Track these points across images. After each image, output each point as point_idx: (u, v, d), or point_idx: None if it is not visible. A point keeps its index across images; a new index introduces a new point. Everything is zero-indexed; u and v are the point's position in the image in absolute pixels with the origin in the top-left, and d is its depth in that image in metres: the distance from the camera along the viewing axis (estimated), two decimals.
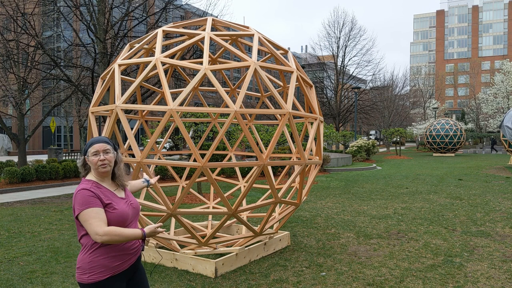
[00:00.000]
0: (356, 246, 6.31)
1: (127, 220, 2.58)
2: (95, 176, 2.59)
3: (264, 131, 16.70)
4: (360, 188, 12.96)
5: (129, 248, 2.58)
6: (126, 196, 2.70)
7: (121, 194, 2.66)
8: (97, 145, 2.54)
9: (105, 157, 2.54)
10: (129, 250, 2.58)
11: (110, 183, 2.64)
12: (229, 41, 6.20)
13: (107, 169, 2.56)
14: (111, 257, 2.49)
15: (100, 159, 2.53)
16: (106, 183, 2.61)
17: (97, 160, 2.52)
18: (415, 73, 71.77)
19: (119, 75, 4.71)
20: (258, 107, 7.74)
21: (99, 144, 2.55)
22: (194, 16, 25.79)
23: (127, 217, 2.58)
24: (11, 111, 26.65)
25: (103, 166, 2.54)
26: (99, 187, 2.54)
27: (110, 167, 2.58)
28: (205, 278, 4.88)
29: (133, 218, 2.66)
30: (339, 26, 38.76)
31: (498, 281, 4.79)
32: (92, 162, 2.54)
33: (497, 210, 9.07)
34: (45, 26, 21.04)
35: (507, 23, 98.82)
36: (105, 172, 2.57)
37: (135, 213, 2.67)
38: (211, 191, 7.58)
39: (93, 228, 2.38)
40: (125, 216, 2.56)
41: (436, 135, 32.54)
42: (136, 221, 2.70)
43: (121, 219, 2.53)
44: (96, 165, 2.53)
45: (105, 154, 2.54)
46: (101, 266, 2.46)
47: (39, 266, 5.44)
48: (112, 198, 2.55)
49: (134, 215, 2.67)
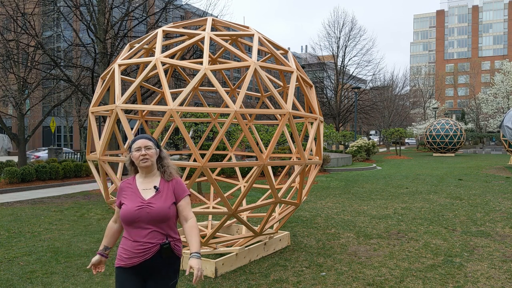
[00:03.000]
0: (356, 246, 6.31)
1: (132, 220, 2.65)
2: (140, 172, 2.81)
3: (264, 131, 16.71)
4: (360, 188, 12.96)
5: (133, 247, 2.64)
6: (153, 197, 2.70)
7: (147, 194, 2.72)
8: (140, 141, 2.75)
9: (146, 152, 2.72)
10: (133, 249, 2.65)
11: (150, 180, 2.78)
12: (229, 41, 6.20)
13: (147, 163, 2.73)
14: (123, 249, 2.69)
15: (142, 154, 2.72)
16: (147, 179, 2.78)
17: (139, 155, 2.72)
18: (415, 73, 71.75)
19: (119, 75, 4.70)
20: (258, 107, 7.74)
21: (142, 140, 2.76)
22: (194, 16, 25.78)
23: (130, 216, 2.65)
24: (11, 111, 26.66)
25: (144, 161, 2.72)
26: (130, 184, 2.79)
27: (151, 162, 2.75)
28: (205, 278, 4.88)
29: (144, 219, 2.64)
30: (339, 26, 38.82)
31: (498, 281, 4.79)
32: (134, 156, 2.75)
33: (497, 210, 9.07)
34: (45, 26, 21.04)
35: (507, 23, 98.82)
36: (146, 167, 2.74)
37: (148, 217, 2.64)
38: (211, 191, 7.58)
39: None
40: (128, 215, 2.65)
41: (436, 135, 32.55)
42: (152, 223, 2.65)
43: (124, 216, 2.68)
44: (137, 159, 2.73)
45: (146, 149, 2.73)
46: (118, 254, 2.73)
47: (39, 266, 5.43)
48: (130, 196, 2.72)
49: (147, 218, 2.64)
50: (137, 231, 2.65)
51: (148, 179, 2.78)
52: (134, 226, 2.65)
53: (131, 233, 2.67)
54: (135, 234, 2.65)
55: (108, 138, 4.61)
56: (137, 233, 2.65)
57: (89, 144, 5.35)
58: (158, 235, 2.66)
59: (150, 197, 2.70)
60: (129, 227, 2.67)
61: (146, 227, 2.64)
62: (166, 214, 2.68)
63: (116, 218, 2.87)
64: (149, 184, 2.76)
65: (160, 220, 2.66)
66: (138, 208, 2.65)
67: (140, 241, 2.64)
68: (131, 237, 2.67)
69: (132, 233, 2.66)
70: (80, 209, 9.68)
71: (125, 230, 2.73)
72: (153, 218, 2.64)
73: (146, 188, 2.74)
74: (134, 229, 2.66)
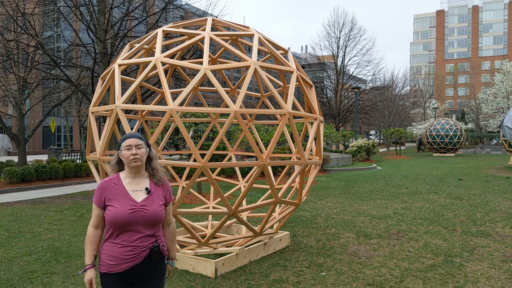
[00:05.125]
0: (356, 246, 6.31)
1: (124, 224, 2.52)
2: (127, 171, 2.67)
3: (264, 131, 16.71)
4: (360, 188, 12.96)
5: (121, 253, 2.53)
6: (145, 200, 2.60)
7: (139, 196, 2.60)
8: (130, 140, 2.62)
9: (137, 151, 2.61)
10: (121, 255, 2.53)
11: (139, 181, 2.66)
12: (229, 41, 6.20)
13: (137, 163, 2.62)
14: (109, 255, 2.56)
15: (132, 153, 2.60)
16: (136, 180, 2.66)
17: (129, 154, 2.60)
18: (415, 73, 71.79)
19: (119, 75, 4.70)
20: (258, 107, 7.74)
21: (132, 139, 2.63)
22: (194, 16, 25.78)
23: (123, 219, 2.51)
24: (11, 111, 26.66)
25: (134, 160, 2.60)
26: (116, 184, 2.62)
27: (141, 162, 2.64)
28: (205, 278, 4.88)
29: (138, 223, 2.55)
30: (339, 26, 38.81)
31: (498, 281, 4.79)
32: (124, 156, 2.62)
33: (497, 210, 9.07)
34: (45, 26, 21.03)
35: (507, 23, 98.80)
36: (136, 167, 2.63)
37: (143, 220, 2.56)
38: (211, 191, 7.58)
39: (91, 220, 2.66)
40: (119, 218, 2.51)
41: (436, 135, 32.54)
42: (145, 227, 2.57)
43: (115, 220, 2.52)
44: (128, 159, 2.61)
45: (137, 149, 2.61)
46: (102, 259, 2.59)
47: (39, 266, 5.43)
48: (118, 197, 2.57)
49: (141, 221, 2.55)
50: (127, 235, 2.53)
51: (136, 179, 2.66)
52: (124, 230, 2.53)
53: (119, 237, 2.54)
54: (124, 239, 2.53)
55: (108, 138, 4.61)
56: (126, 238, 2.53)
57: (89, 144, 5.35)
58: (149, 238, 2.58)
59: (142, 200, 2.59)
60: (117, 231, 2.54)
61: (138, 231, 2.55)
62: (161, 216, 2.64)
63: (97, 223, 2.62)
64: (138, 185, 2.64)
65: (154, 222, 2.61)
66: (132, 211, 2.53)
67: (129, 246, 2.53)
68: (117, 242, 2.54)
69: (120, 237, 2.54)
70: (80, 209, 9.68)
71: (109, 234, 2.57)
72: (147, 221, 2.56)
73: (135, 190, 2.62)
74: (123, 233, 2.54)
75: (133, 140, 2.62)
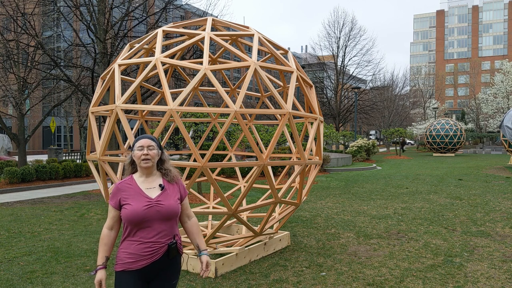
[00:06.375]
0: (356, 246, 6.31)
1: (140, 220, 2.56)
2: (139, 172, 2.73)
3: (264, 131, 16.71)
4: (360, 188, 12.96)
5: (140, 250, 2.57)
6: (159, 195, 2.65)
7: (153, 193, 2.66)
8: (143, 141, 2.70)
9: (148, 152, 2.67)
10: (140, 251, 2.57)
11: (152, 179, 2.72)
12: (229, 41, 6.20)
13: (148, 164, 2.67)
14: (127, 253, 2.59)
15: (144, 153, 2.66)
16: (149, 179, 2.71)
17: (140, 154, 2.67)
18: (415, 73, 71.80)
19: (119, 75, 4.70)
20: (258, 107, 7.74)
21: (145, 140, 2.70)
22: (194, 16, 25.78)
23: (139, 216, 2.56)
24: (11, 111, 26.63)
25: (145, 161, 2.66)
26: (130, 184, 2.68)
27: (152, 163, 2.69)
28: (205, 278, 4.88)
29: (154, 219, 2.59)
30: (339, 26, 38.83)
31: (498, 281, 4.79)
32: (136, 156, 2.68)
33: (497, 210, 9.07)
34: (45, 26, 21.04)
35: (507, 23, 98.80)
36: (147, 167, 2.68)
37: (158, 215, 2.60)
38: (211, 191, 7.58)
39: (106, 222, 2.71)
40: (136, 216, 2.55)
41: (436, 135, 32.55)
42: (161, 222, 2.61)
43: (131, 217, 2.57)
44: (139, 159, 2.67)
45: (149, 150, 2.68)
46: (120, 258, 2.61)
47: (39, 266, 5.43)
48: (133, 196, 2.62)
49: (157, 217, 2.60)
50: (144, 232, 2.58)
51: (149, 179, 2.71)
52: (142, 227, 2.57)
53: (137, 234, 2.58)
54: (141, 236, 2.58)
55: (108, 138, 4.61)
56: (144, 235, 2.58)
57: (89, 144, 5.35)
58: (166, 234, 2.63)
59: (157, 195, 2.65)
60: (135, 228, 2.58)
61: (155, 227, 2.59)
62: (176, 210, 2.68)
63: (112, 224, 2.68)
64: (152, 183, 2.70)
65: (170, 217, 2.65)
66: (147, 207, 2.58)
67: (148, 242, 2.57)
68: (135, 240, 2.58)
69: (138, 235, 2.58)
70: (80, 209, 9.68)
71: (127, 233, 2.61)
72: (163, 216, 2.61)
73: (150, 187, 2.68)
74: (140, 230, 2.58)
75: (146, 141, 2.70)
